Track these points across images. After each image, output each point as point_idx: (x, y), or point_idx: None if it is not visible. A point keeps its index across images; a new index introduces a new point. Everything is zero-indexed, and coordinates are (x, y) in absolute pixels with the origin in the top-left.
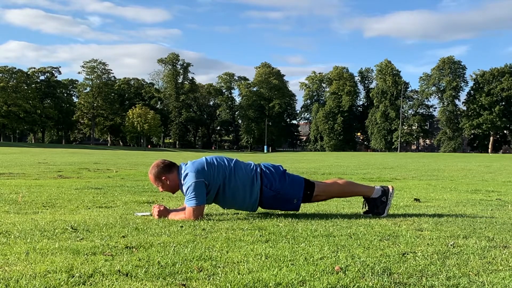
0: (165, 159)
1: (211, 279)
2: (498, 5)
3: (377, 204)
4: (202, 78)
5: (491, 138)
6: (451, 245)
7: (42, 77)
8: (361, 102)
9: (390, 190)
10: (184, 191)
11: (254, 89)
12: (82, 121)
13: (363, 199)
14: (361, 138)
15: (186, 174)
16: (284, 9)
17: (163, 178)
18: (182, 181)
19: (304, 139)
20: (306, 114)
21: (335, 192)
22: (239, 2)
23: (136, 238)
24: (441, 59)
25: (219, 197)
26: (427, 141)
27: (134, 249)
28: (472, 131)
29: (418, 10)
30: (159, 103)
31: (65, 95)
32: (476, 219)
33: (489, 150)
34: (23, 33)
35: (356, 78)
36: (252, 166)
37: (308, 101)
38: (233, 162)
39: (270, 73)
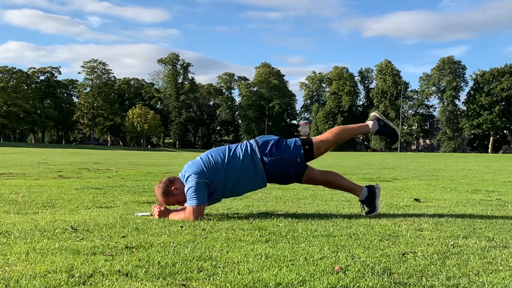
0: (160, 180)
1: (211, 279)
2: (497, 5)
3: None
4: (202, 78)
5: (491, 138)
6: (451, 245)
7: (42, 77)
8: (361, 102)
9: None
10: (186, 191)
11: (254, 89)
12: (82, 121)
13: (360, 202)
14: (361, 138)
15: (188, 176)
16: (282, 9)
17: (173, 188)
18: (185, 184)
19: None
20: (306, 114)
21: (333, 139)
22: (237, 2)
23: (136, 238)
24: (441, 59)
25: (228, 190)
26: (427, 141)
27: (134, 249)
28: (472, 131)
29: (416, 10)
30: (159, 103)
31: (65, 95)
32: (476, 219)
33: (489, 150)
34: (22, 33)
35: (356, 78)
36: (246, 144)
37: (308, 101)
38: (227, 152)
39: (270, 73)
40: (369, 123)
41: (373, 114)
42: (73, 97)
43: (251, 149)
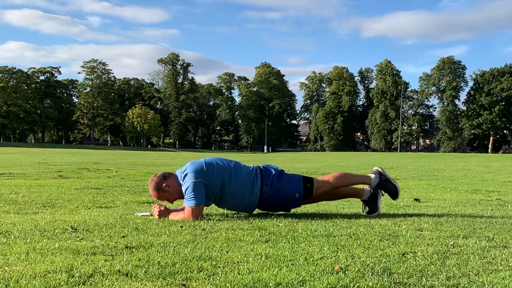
0: (156, 173)
1: (211, 279)
2: (496, 5)
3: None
4: (201, 78)
5: (491, 138)
6: (451, 245)
7: (42, 77)
8: (361, 102)
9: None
10: (184, 191)
11: (254, 89)
12: (82, 121)
13: (362, 202)
14: (361, 138)
15: (186, 174)
16: (281, 9)
17: (164, 185)
18: (182, 182)
19: (304, 139)
20: (306, 114)
21: (334, 182)
22: (237, 2)
23: (136, 238)
24: (441, 59)
25: (218, 197)
26: (427, 141)
27: (134, 249)
28: (472, 131)
29: (416, 11)
30: (159, 103)
31: (65, 95)
32: (476, 219)
33: (489, 150)
34: (21, 34)
35: (356, 78)
36: (251, 167)
37: (308, 101)
38: (233, 163)
39: (270, 73)
40: (371, 175)
41: (375, 168)
42: (73, 97)
43: (255, 174)
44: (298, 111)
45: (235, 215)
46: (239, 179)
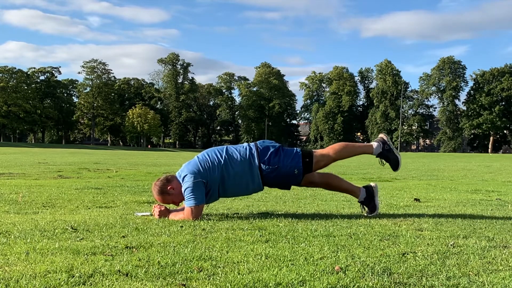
0: (159, 177)
1: (211, 279)
2: (496, 5)
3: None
4: (201, 78)
5: (491, 138)
6: (451, 245)
7: (42, 77)
8: (361, 102)
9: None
10: (183, 191)
11: (254, 89)
12: (82, 121)
13: (359, 204)
14: (361, 138)
15: (184, 176)
16: (281, 9)
17: (169, 187)
18: (182, 183)
19: (304, 139)
20: (306, 114)
21: (335, 155)
22: (236, 2)
23: (136, 238)
24: (441, 59)
25: (222, 190)
26: (427, 141)
27: (134, 249)
28: (472, 131)
29: (415, 11)
30: (159, 103)
31: (65, 95)
32: (476, 219)
33: (489, 150)
34: (21, 34)
35: (356, 78)
36: (245, 147)
37: (308, 101)
38: (224, 151)
39: (270, 73)
40: (374, 144)
41: (380, 136)
42: (73, 97)
43: (250, 153)
44: (298, 111)
45: (235, 215)
46: (235, 165)
